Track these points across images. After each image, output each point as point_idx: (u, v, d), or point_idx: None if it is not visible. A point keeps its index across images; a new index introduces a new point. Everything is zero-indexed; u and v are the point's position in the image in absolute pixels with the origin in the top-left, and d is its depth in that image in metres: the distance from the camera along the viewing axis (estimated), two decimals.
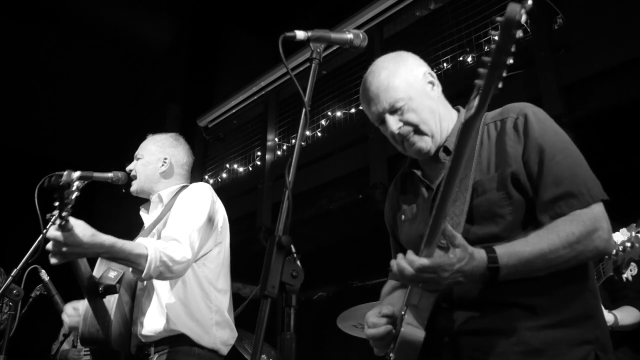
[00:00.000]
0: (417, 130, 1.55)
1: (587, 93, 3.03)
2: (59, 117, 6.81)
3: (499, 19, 1.07)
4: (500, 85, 1.10)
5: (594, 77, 3.00)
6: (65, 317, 2.39)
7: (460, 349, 1.40)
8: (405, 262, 1.33)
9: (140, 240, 2.15)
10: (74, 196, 1.79)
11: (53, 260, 1.95)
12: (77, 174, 1.78)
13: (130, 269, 2.13)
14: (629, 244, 2.20)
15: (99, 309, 2.22)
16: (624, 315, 2.48)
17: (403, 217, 1.68)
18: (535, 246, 1.30)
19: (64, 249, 1.90)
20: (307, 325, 5.10)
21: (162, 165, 2.54)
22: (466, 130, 1.21)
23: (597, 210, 1.35)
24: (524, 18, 1.05)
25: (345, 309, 3.29)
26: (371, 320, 1.53)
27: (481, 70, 1.11)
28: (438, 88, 1.63)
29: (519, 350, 1.32)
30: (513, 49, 1.06)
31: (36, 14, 6.17)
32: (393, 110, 1.56)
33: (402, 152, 1.63)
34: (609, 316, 2.43)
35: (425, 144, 1.55)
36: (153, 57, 7.07)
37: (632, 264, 2.22)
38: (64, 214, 1.80)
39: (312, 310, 4.85)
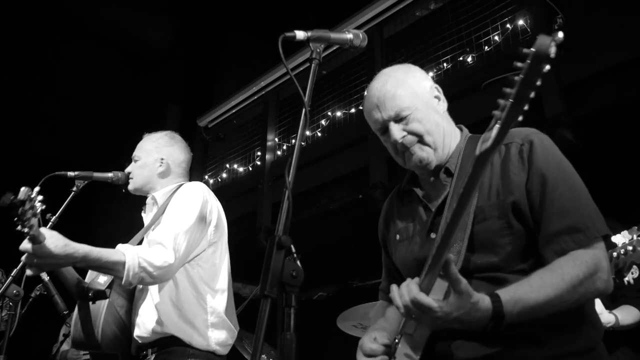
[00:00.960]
0: (421, 141, 1.52)
1: (587, 93, 3.03)
2: (59, 117, 6.81)
3: (526, 51, 1.02)
4: (520, 119, 1.06)
5: (594, 77, 3.00)
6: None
7: None
8: (405, 289, 1.31)
9: (119, 246, 2.13)
10: (30, 213, 1.80)
11: (28, 272, 1.97)
12: (36, 189, 1.81)
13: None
14: (630, 247, 2.19)
15: (89, 314, 2.21)
16: (625, 315, 2.48)
17: (398, 236, 1.64)
18: (540, 292, 1.27)
19: (35, 260, 1.90)
20: (307, 325, 5.10)
21: (160, 165, 2.52)
22: (481, 162, 1.16)
23: (599, 250, 1.33)
24: (553, 52, 1.00)
25: (345, 309, 3.28)
26: (368, 346, 1.50)
27: (501, 101, 1.07)
28: (444, 104, 1.61)
29: None
30: (539, 83, 1.02)
31: (36, 14, 6.17)
32: (398, 119, 1.53)
33: (402, 164, 1.60)
34: (610, 317, 2.42)
35: (426, 154, 1.52)
36: (153, 57, 7.07)
37: (634, 266, 2.21)
38: (25, 229, 1.81)
39: (312, 310, 4.85)
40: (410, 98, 1.53)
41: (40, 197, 1.82)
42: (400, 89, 1.54)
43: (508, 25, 3.49)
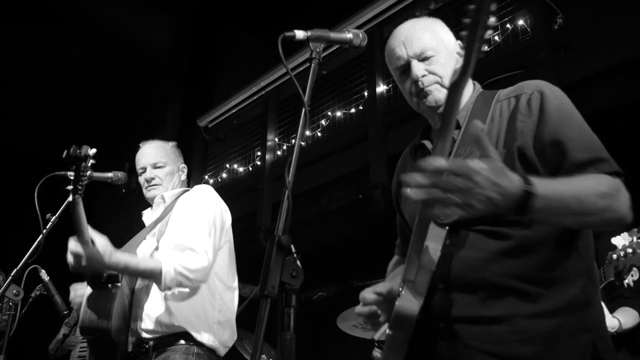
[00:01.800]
0: (440, 83, 1.53)
1: (587, 93, 3.03)
2: (59, 117, 6.81)
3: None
4: (485, 48, 1.09)
5: (594, 77, 3.00)
6: (72, 294, 2.42)
7: (456, 337, 1.37)
8: (429, 166, 1.15)
9: (156, 255, 2.23)
10: (88, 172, 1.85)
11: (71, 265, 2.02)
12: (93, 150, 1.83)
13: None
14: (630, 250, 2.18)
15: (101, 297, 2.26)
16: (626, 319, 2.47)
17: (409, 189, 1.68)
18: (569, 185, 1.25)
19: (84, 264, 1.98)
20: (307, 325, 5.10)
21: (183, 173, 2.65)
22: (453, 92, 1.22)
23: (620, 180, 1.35)
24: None
25: (345, 309, 3.29)
26: (364, 297, 1.52)
27: (463, 32, 1.11)
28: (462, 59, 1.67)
29: (516, 339, 1.30)
30: (493, 8, 1.05)
31: (36, 14, 6.16)
32: (422, 58, 1.54)
33: (415, 107, 1.61)
34: (613, 321, 2.41)
35: (442, 95, 1.51)
36: (153, 57, 7.06)
37: (634, 269, 2.20)
38: (79, 187, 1.87)
39: (312, 310, 4.85)
40: (437, 42, 1.55)
41: (93, 161, 1.86)
42: (430, 32, 1.57)
43: (508, 25, 3.49)
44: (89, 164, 1.85)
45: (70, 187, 1.90)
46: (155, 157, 2.59)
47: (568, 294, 1.34)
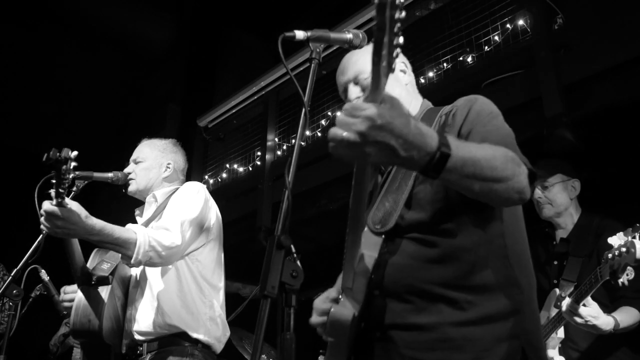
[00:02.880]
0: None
1: (587, 93, 3.02)
2: (59, 117, 6.81)
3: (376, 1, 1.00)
4: (394, 67, 1.05)
5: (594, 77, 2.99)
6: (63, 297, 2.41)
7: (390, 344, 1.39)
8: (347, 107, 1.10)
9: (129, 225, 2.19)
10: (71, 175, 1.84)
11: (44, 231, 2.01)
12: (74, 153, 1.82)
13: (120, 255, 2.16)
14: (624, 249, 2.20)
15: (92, 299, 2.26)
16: (624, 317, 2.47)
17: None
18: (482, 149, 1.24)
19: (59, 222, 1.94)
20: (307, 325, 5.10)
21: (166, 170, 2.61)
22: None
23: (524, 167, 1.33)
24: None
25: None
26: (319, 306, 1.56)
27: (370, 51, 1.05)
28: (409, 77, 1.74)
29: (445, 346, 1.33)
30: (396, 29, 1.00)
31: (36, 14, 6.16)
32: (357, 82, 1.65)
33: None
34: (608, 319, 2.41)
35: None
36: (153, 57, 7.06)
37: (629, 268, 2.22)
38: (61, 190, 1.84)
39: (312, 310, 4.85)
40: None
41: (75, 163, 1.85)
42: (363, 57, 1.64)
43: (508, 25, 3.48)
44: (71, 167, 1.82)
45: (52, 191, 1.88)
46: (137, 153, 2.64)
47: (497, 302, 1.36)
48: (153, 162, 2.59)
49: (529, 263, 1.48)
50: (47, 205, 1.94)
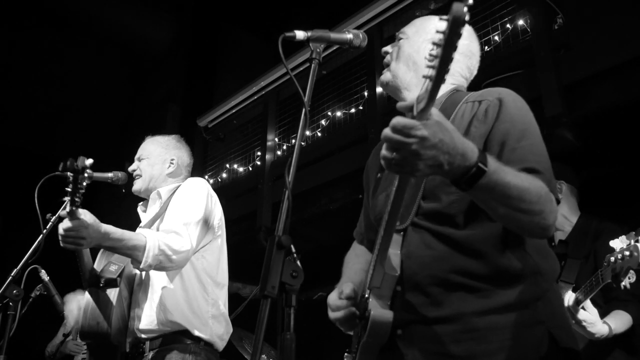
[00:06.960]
0: (389, 64, 1.66)
1: (587, 93, 3.03)
2: (59, 117, 6.80)
3: (444, 17, 1.09)
4: (446, 78, 1.10)
5: (594, 77, 3.00)
6: (67, 313, 2.43)
7: (412, 340, 1.39)
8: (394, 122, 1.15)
9: (140, 230, 2.19)
10: (85, 183, 1.84)
11: (62, 244, 2.02)
12: (90, 160, 1.82)
13: (130, 260, 2.17)
14: (627, 253, 2.18)
15: (101, 301, 2.26)
16: (617, 324, 2.46)
17: (372, 189, 1.71)
18: (517, 177, 1.25)
19: (73, 233, 1.95)
20: (307, 325, 5.10)
21: (169, 166, 2.60)
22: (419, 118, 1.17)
23: (554, 196, 1.33)
24: (467, 17, 1.08)
25: None
26: (334, 303, 1.54)
27: (429, 63, 1.10)
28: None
29: (469, 337, 1.32)
30: (457, 45, 1.08)
31: (36, 14, 6.16)
32: (399, 38, 1.68)
33: None
34: (603, 327, 2.41)
35: (384, 77, 1.67)
36: (153, 57, 7.06)
37: (631, 271, 2.21)
38: (76, 199, 1.85)
39: (312, 310, 4.85)
40: (415, 29, 1.66)
41: (90, 171, 1.85)
42: (418, 21, 1.70)
43: (508, 25, 3.48)
44: (86, 175, 1.82)
45: (67, 199, 1.88)
46: (140, 150, 2.64)
47: (519, 289, 1.35)
48: (156, 158, 2.60)
49: (549, 250, 1.48)
50: (64, 224, 1.96)
